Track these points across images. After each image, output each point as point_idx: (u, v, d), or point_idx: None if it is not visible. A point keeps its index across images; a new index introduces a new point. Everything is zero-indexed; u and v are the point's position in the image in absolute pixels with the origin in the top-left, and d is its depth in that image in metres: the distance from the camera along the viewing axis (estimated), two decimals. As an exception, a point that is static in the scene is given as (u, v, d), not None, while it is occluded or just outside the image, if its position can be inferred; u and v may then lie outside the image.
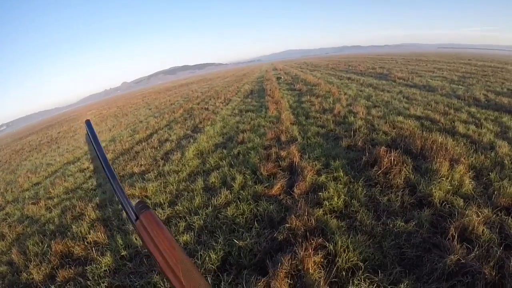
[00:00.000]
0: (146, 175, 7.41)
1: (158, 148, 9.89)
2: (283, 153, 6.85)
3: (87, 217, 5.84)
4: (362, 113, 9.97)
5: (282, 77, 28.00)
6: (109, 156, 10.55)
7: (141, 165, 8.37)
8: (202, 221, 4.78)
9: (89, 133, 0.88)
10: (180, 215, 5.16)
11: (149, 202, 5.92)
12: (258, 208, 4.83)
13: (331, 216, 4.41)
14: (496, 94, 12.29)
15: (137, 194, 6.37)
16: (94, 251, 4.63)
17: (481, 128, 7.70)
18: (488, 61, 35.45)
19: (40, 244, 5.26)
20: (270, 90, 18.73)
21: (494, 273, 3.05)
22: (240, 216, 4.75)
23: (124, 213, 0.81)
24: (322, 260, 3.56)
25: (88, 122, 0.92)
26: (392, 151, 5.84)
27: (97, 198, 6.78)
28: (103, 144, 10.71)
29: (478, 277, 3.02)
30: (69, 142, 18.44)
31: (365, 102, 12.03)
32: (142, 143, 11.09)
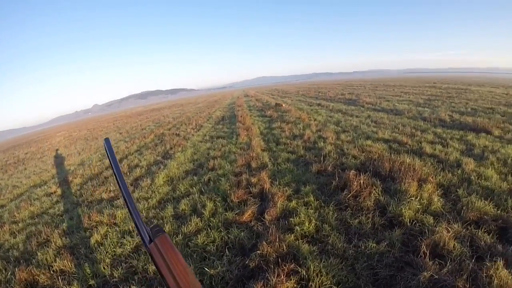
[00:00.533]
0: (115, 202, 7.36)
1: (128, 174, 9.82)
2: (253, 180, 6.99)
3: (53, 244, 5.67)
4: (332, 138, 10.40)
5: (253, 104, 28.77)
6: (77, 180, 10.37)
7: (110, 191, 8.28)
8: (172, 250, 4.72)
9: (107, 151, 0.92)
10: (150, 243, 5.09)
11: (118, 229, 5.86)
12: (229, 236, 4.88)
13: (303, 241, 4.51)
14: (460, 114, 13.31)
15: (105, 221, 6.27)
16: (60, 280, 4.46)
17: (447, 147, 8.28)
18: (452, 83, 38.18)
19: (4, 271, 5.06)
20: (241, 116, 19.26)
21: (468, 286, 3.25)
22: (211, 243, 4.76)
23: (139, 235, 0.84)
24: (295, 285, 3.61)
25: (107, 140, 0.96)
26: (362, 175, 6.13)
27: (64, 224, 6.63)
28: (71, 168, 10.34)
29: None
30: (36, 164, 17.79)
31: (335, 127, 12.53)
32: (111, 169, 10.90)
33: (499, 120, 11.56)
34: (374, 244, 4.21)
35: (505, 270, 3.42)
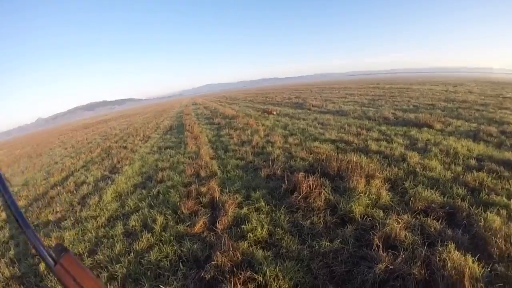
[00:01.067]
0: (63, 223, 6.95)
1: (75, 192, 9.37)
2: (203, 189, 6.97)
3: (0, 275, 5.26)
4: (280, 142, 10.70)
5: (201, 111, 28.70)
6: (21, 203, 9.66)
7: (56, 212, 7.83)
8: (125, 269, 4.58)
9: None
10: (101, 264, 4.90)
11: None
12: (182, 249, 4.81)
13: (257, 247, 4.55)
14: (403, 111, 14.35)
15: (54, 245, 5.87)
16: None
17: (392, 143, 8.89)
18: (395, 84, 40.80)
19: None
20: (189, 125, 19.31)
21: (423, 271, 3.50)
22: (164, 259, 4.67)
23: (41, 259, 0.82)
24: (253, 293, 3.65)
25: None
26: (310, 176, 6.33)
27: (11, 252, 6.17)
28: (14, 189, 9.45)
29: (408, 279, 3.43)
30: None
31: (282, 131, 12.89)
32: (57, 187, 10.39)
33: (439, 114, 12.65)
34: (328, 243, 4.36)
35: (457, 252, 3.74)
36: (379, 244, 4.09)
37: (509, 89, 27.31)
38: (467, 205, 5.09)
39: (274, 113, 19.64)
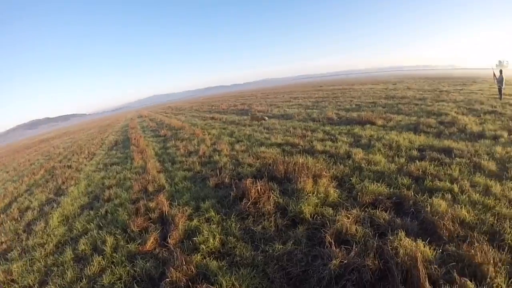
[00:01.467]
0: (9, 254, 6.45)
1: (19, 219, 8.73)
2: (152, 204, 6.82)
3: None
4: (227, 150, 10.74)
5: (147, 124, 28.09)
6: None
7: (1, 242, 7.24)
8: (78, 297, 4.37)
9: None
10: (54, 295, 4.59)
11: (16, 286, 5.18)
12: (135, 269, 4.64)
13: (211, 258, 4.50)
14: (346, 111, 15.01)
15: (1, 279, 5.44)
16: None
17: (337, 142, 9.26)
18: (338, 85, 42.48)
19: None
20: (135, 139, 18.91)
21: (376, 262, 3.67)
22: (118, 281, 4.48)
23: None
24: (210, 305, 3.61)
25: None
26: (258, 181, 6.41)
27: None
28: None
29: (363, 271, 3.58)
30: None
31: (229, 139, 12.95)
32: (0, 215, 9.66)
33: (381, 111, 13.41)
34: (281, 246, 4.42)
35: (407, 239, 3.98)
36: (331, 241, 4.20)
37: (445, 83, 29.43)
38: (412, 193, 5.46)
39: (266, 118, 19.49)
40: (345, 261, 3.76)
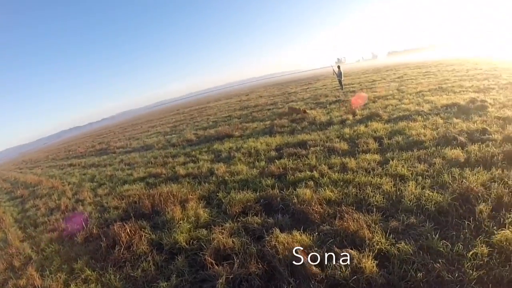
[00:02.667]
0: None
1: None
2: (22, 282, 5.87)
3: None
4: (90, 197, 9.91)
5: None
6: None
7: None
8: None
9: None
10: None
11: None
12: None
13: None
14: (204, 129, 15.34)
15: None
16: None
17: (199, 162, 9.36)
18: (194, 106, 43.14)
19: None
20: None
21: (260, 265, 3.80)
22: None
23: None
24: None
25: None
26: (127, 223, 6.03)
27: None
28: None
29: (251, 278, 3.67)
30: None
31: (91, 184, 11.99)
32: None
33: (236, 123, 14.01)
34: (165, 283, 4.21)
35: (283, 234, 4.24)
36: (211, 261, 4.17)
37: (293, 86, 32.25)
38: (278, 191, 5.83)
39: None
40: (231, 276, 3.77)
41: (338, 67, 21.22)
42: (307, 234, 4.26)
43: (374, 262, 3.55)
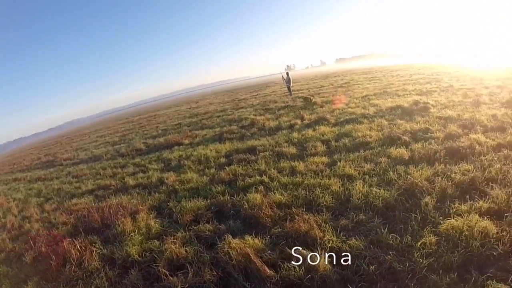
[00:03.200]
0: None
1: None
2: None
3: None
4: (36, 213, 9.34)
5: None
6: None
7: None
8: None
9: None
10: None
11: None
12: None
13: None
14: (153, 138, 15.14)
15: None
16: None
17: (148, 171, 9.20)
18: (144, 113, 42.19)
19: None
20: None
21: (214, 272, 3.82)
22: None
23: None
24: None
25: None
26: (76, 239, 5.78)
27: None
28: None
29: (206, 286, 3.72)
30: None
31: (37, 199, 11.33)
32: None
33: (186, 130, 13.94)
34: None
35: (235, 239, 4.28)
36: (165, 272, 4.11)
37: (242, 92, 32.46)
38: (228, 197, 5.87)
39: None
40: (186, 286, 3.77)
41: (287, 73, 21.80)
42: (259, 238, 4.34)
43: (327, 260, 3.67)
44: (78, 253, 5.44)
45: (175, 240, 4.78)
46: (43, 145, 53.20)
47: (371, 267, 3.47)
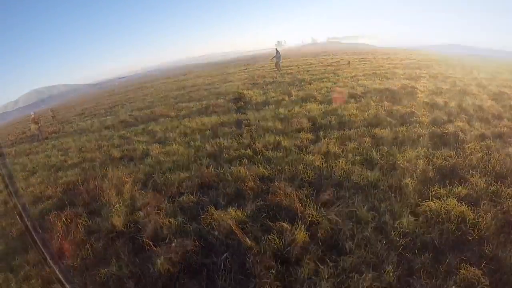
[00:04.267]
0: None
1: None
2: None
3: None
4: (22, 188, 9.21)
5: None
6: None
7: None
8: None
9: None
10: None
11: None
12: None
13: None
14: (139, 110, 15.00)
15: None
16: None
17: (134, 144, 9.15)
18: (130, 86, 41.73)
19: None
20: None
21: (197, 243, 3.92)
22: None
23: None
24: None
25: None
26: (62, 212, 5.72)
27: None
28: None
29: (188, 256, 3.79)
30: None
31: (23, 174, 11.18)
32: None
33: (172, 103, 13.84)
34: (105, 269, 4.12)
35: (217, 211, 4.45)
36: (149, 242, 4.20)
37: (231, 66, 32.15)
38: (213, 169, 5.94)
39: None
40: (169, 256, 3.81)
41: (276, 50, 21.49)
42: (242, 210, 4.44)
43: (306, 234, 3.77)
44: (64, 226, 5.47)
45: (159, 212, 4.85)
46: (28, 119, 52.29)
47: (349, 242, 3.59)
